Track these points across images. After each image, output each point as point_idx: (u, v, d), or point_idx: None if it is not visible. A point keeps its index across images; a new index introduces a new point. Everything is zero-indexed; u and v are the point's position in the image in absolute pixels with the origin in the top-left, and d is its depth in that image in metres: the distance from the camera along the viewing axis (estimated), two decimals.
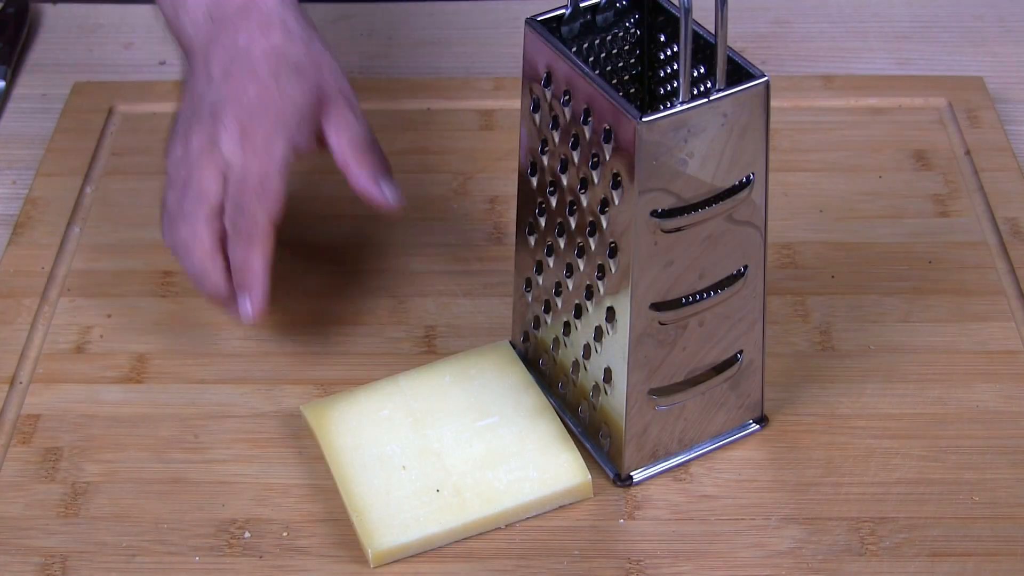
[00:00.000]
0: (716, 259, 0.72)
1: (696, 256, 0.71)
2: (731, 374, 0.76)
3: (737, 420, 0.79)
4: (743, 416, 0.79)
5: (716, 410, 0.77)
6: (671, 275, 0.71)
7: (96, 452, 0.79)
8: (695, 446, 0.78)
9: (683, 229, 0.70)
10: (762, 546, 0.74)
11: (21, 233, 0.92)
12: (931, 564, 0.73)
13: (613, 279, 0.72)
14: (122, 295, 0.89)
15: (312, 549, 0.75)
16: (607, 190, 0.70)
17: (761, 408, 0.79)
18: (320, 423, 0.78)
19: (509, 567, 0.74)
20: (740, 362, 0.76)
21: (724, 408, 0.78)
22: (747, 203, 0.71)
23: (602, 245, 0.72)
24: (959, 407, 0.81)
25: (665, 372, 0.74)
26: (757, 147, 0.70)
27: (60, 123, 1.01)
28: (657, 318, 0.72)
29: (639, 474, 0.77)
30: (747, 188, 0.71)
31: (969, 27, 1.11)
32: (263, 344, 0.85)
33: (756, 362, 0.77)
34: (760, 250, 0.73)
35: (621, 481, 0.77)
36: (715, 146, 0.68)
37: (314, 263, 0.90)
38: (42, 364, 0.84)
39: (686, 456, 0.78)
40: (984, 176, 0.95)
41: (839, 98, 1.01)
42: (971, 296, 0.88)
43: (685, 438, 0.77)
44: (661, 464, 0.77)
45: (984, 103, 1.01)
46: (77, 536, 0.75)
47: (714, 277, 0.73)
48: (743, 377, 0.77)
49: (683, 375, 0.75)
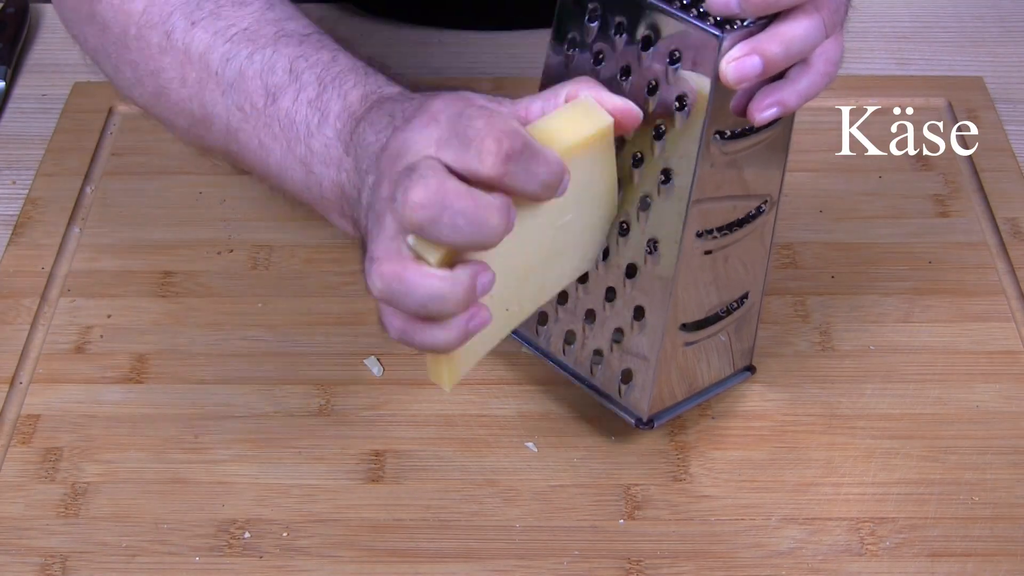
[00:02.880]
0: (748, 187, 0.73)
1: (737, 182, 0.72)
2: (739, 315, 0.78)
3: (732, 366, 0.80)
4: (738, 363, 0.80)
5: (719, 354, 0.79)
6: (719, 201, 0.72)
7: (96, 452, 0.79)
8: (699, 393, 0.79)
9: (739, 151, 0.71)
10: (762, 546, 0.74)
11: (21, 233, 0.92)
12: (931, 564, 0.73)
13: (665, 208, 0.72)
14: (122, 295, 0.89)
15: (312, 549, 0.75)
16: (666, 116, 0.70)
17: (751, 356, 0.81)
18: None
19: (509, 567, 0.74)
20: (747, 303, 0.77)
21: (725, 353, 0.79)
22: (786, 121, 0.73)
23: (652, 173, 0.71)
24: (959, 407, 0.81)
25: (693, 308, 0.75)
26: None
27: (60, 123, 1.01)
28: (702, 247, 0.73)
29: (659, 419, 0.78)
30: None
31: (969, 27, 1.11)
32: (263, 344, 0.85)
33: (756, 306, 0.79)
34: (778, 184, 0.75)
35: (643, 424, 0.77)
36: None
37: (314, 263, 0.91)
38: (42, 364, 0.84)
39: (692, 403, 0.79)
40: (984, 176, 0.95)
41: (839, 98, 1.01)
42: (971, 296, 0.88)
43: (694, 382, 0.78)
44: (672, 412, 0.78)
45: (984, 103, 1.01)
46: (77, 536, 0.75)
47: (744, 209, 0.74)
48: (745, 321, 0.79)
49: (704, 313, 0.76)
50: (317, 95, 0.73)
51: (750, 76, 0.66)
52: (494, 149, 0.61)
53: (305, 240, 0.92)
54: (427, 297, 0.62)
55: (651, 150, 0.71)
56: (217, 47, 0.76)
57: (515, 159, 0.62)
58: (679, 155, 0.70)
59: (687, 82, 0.68)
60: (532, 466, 0.79)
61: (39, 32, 1.11)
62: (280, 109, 0.73)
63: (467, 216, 0.61)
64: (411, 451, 0.79)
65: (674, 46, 0.68)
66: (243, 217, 0.94)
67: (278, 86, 0.74)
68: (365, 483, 0.78)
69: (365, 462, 0.79)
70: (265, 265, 0.90)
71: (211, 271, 0.90)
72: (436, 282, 0.62)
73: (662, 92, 0.69)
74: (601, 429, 0.80)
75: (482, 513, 0.76)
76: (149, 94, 0.79)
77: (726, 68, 0.66)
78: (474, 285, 0.63)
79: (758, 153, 0.72)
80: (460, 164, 0.62)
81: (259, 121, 0.74)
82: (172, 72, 0.77)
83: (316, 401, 0.82)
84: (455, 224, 0.61)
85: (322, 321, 0.87)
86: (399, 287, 0.63)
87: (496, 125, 0.62)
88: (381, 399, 0.82)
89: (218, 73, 0.75)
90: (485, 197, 0.62)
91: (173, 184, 0.96)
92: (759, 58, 0.66)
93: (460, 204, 0.61)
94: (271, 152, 0.74)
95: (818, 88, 0.70)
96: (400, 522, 0.76)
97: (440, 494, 0.77)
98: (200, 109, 0.77)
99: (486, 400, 0.82)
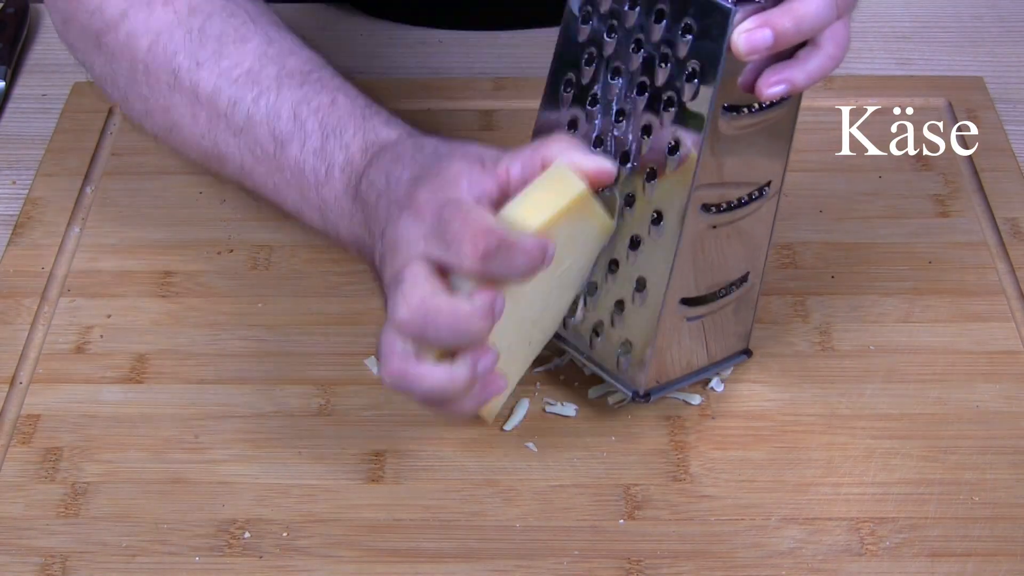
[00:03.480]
0: (753, 165, 0.74)
1: (743, 160, 0.73)
2: (739, 294, 0.78)
3: (730, 348, 0.81)
4: (735, 345, 0.81)
5: (718, 334, 0.79)
6: (725, 176, 0.73)
7: (96, 452, 0.79)
8: (696, 371, 0.80)
9: (746, 128, 0.72)
10: (762, 546, 0.74)
11: (21, 233, 0.92)
12: (931, 564, 0.73)
13: (671, 180, 0.72)
14: (122, 295, 0.89)
15: (312, 549, 0.75)
16: (676, 87, 0.71)
17: (748, 339, 0.81)
18: None
19: (509, 567, 0.74)
20: (747, 284, 0.78)
21: (723, 334, 0.80)
22: (793, 102, 0.73)
23: (659, 145, 0.72)
24: (959, 407, 0.81)
25: (695, 282, 0.76)
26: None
27: (60, 123, 1.01)
28: (707, 221, 0.74)
29: (656, 393, 0.78)
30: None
31: (969, 27, 1.11)
32: (263, 344, 0.85)
33: (756, 287, 0.79)
34: (783, 165, 0.76)
35: (640, 397, 0.78)
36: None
37: (314, 263, 0.90)
38: (42, 364, 0.84)
39: (689, 380, 0.80)
40: (984, 176, 0.95)
41: (839, 98, 1.01)
42: (971, 296, 0.88)
43: (692, 360, 0.79)
44: (669, 388, 0.79)
45: (984, 103, 1.01)
46: (77, 536, 0.75)
47: (749, 186, 0.75)
48: (744, 301, 0.79)
49: (704, 289, 0.77)
50: (321, 145, 0.76)
51: (760, 48, 0.68)
52: (470, 252, 0.67)
53: (305, 240, 0.91)
54: (431, 391, 0.69)
55: (659, 123, 0.72)
56: (224, 89, 0.79)
57: (492, 256, 0.67)
58: (687, 128, 0.71)
59: (703, 50, 0.70)
60: (532, 466, 0.79)
61: (39, 32, 1.11)
62: (289, 158, 0.77)
63: (449, 328, 0.67)
64: (411, 451, 0.79)
65: (688, 19, 0.69)
66: (243, 217, 0.94)
67: (284, 133, 0.77)
68: (365, 483, 0.78)
69: (365, 462, 0.79)
70: (265, 265, 0.90)
71: (211, 271, 0.90)
72: (437, 379, 0.69)
73: (672, 67, 0.71)
74: (601, 429, 0.80)
75: (482, 513, 0.76)
76: (160, 127, 0.83)
77: (737, 39, 0.68)
78: (473, 373, 0.69)
79: (763, 132, 0.73)
80: (444, 261, 0.68)
81: (271, 166, 0.78)
82: (183, 110, 0.80)
83: (316, 401, 0.82)
84: (439, 336, 0.68)
85: (322, 321, 0.87)
86: (405, 384, 0.69)
87: (470, 227, 0.67)
88: (381, 399, 0.82)
89: (227, 115, 0.79)
90: (464, 307, 0.67)
91: (173, 184, 0.96)
92: (770, 31, 0.68)
93: (441, 320, 0.67)
94: (286, 197, 0.79)
95: (826, 70, 0.71)
96: (400, 522, 0.76)
97: (440, 494, 0.77)
98: (213, 148, 0.80)
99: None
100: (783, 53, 0.70)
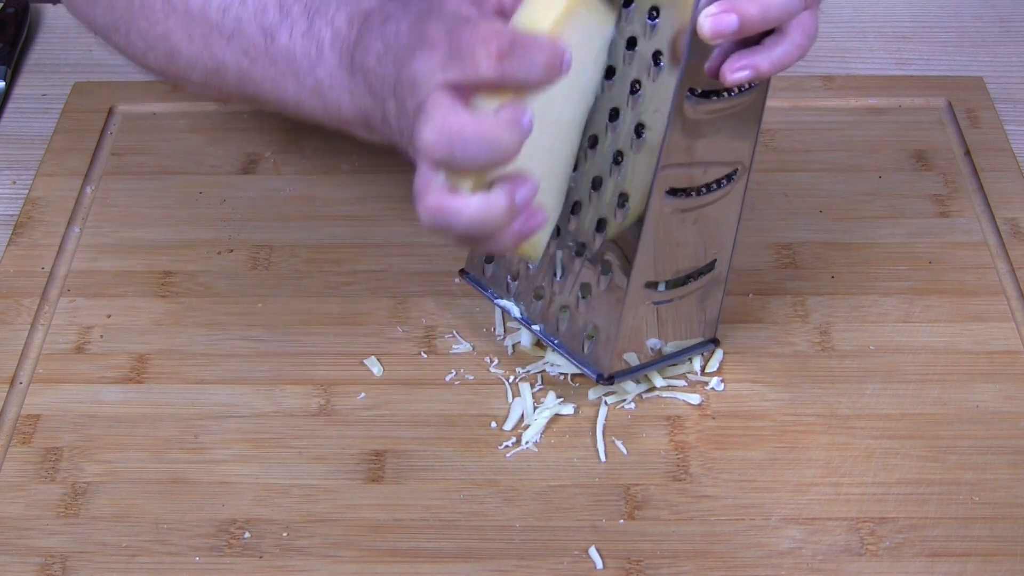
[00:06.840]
0: (720, 153, 0.74)
1: (709, 145, 0.73)
2: (705, 281, 0.79)
3: (696, 336, 0.82)
4: (703, 333, 0.82)
5: (684, 320, 0.80)
6: (692, 160, 0.73)
7: (96, 452, 0.79)
8: (662, 358, 0.81)
9: (713, 113, 0.72)
10: (762, 546, 0.74)
11: (21, 233, 0.92)
12: (931, 564, 0.73)
13: (635, 162, 0.73)
14: (122, 295, 0.89)
15: (312, 549, 0.75)
16: (641, 72, 0.71)
17: (716, 328, 0.82)
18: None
19: (509, 567, 0.74)
20: (714, 271, 0.79)
21: (689, 321, 0.80)
22: (761, 90, 0.74)
23: (626, 128, 0.73)
24: (959, 407, 0.81)
25: (661, 266, 0.76)
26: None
27: (60, 123, 1.01)
28: (672, 205, 0.74)
29: (620, 377, 0.79)
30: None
31: (969, 27, 1.11)
32: (263, 344, 0.85)
33: (723, 275, 0.80)
34: (750, 155, 0.76)
35: (604, 380, 0.78)
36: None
37: (314, 263, 0.91)
38: (42, 364, 0.84)
39: (655, 366, 0.81)
40: (984, 176, 0.95)
41: (839, 98, 1.01)
42: (971, 296, 0.88)
43: (656, 346, 0.80)
44: (635, 372, 0.80)
45: (984, 103, 1.01)
46: (77, 536, 0.75)
47: (715, 175, 0.75)
48: (711, 289, 0.80)
49: (670, 274, 0.77)
50: (308, 27, 0.76)
51: (725, 33, 0.68)
52: (484, 54, 0.64)
53: (305, 240, 0.92)
54: (470, 223, 0.66)
55: (627, 105, 0.72)
56: (212, 1, 0.80)
57: (508, 55, 0.64)
58: (652, 109, 0.71)
59: (664, 38, 0.70)
60: (532, 466, 0.79)
61: (39, 32, 1.11)
62: (280, 47, 0.77)
63: (477, 141, 0.64)
64: (411, 451, 0.79)
65: (654, 2, 0.70)
66: (243, 217, 0.94)
67: (272, 25, 0.78)
68: (365, 483, 0.78)
69: (365, 462, 0.79)
70: (265, 265, 0.90)
71: (211, 271, 0.90)
72: (474, 209, 0.66)
73: (640, 47, 0.71)
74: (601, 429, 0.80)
75: (482, 513, 0.76)
76: (162, 57, 0.83)
77: (703, 22, 0.68)
78: (511, 201, 0.66)
79: (730, 119, 0.73)
80: (463, 78, 0.65)
81: (265, 61, 0.78)
82: (179, 32, 0.81)
83: (316, 401, 0.82)
84: (468, 152, 0.64)
85: (322, 321, 0.87)
86: (443, 218, 0.66)
87: (481, 31, 0.65)
88: (381, 399, 0.82)
89: (218, 24, 0.79)
90: (489, 118, 0.64)
91: (173, 184, 0.96)
92: (736, 16, 0.68)
93: (468, 132, 0.64)
94: (285, 89, 0.78)
95: (792, 58, 0.71)
96: (400, 522, 0.76)
97: (440, 494, 0.77)
98: (211, 61, 0.80)
99: (486, 400, 0.82)
100: (750, 40, 0.70)
